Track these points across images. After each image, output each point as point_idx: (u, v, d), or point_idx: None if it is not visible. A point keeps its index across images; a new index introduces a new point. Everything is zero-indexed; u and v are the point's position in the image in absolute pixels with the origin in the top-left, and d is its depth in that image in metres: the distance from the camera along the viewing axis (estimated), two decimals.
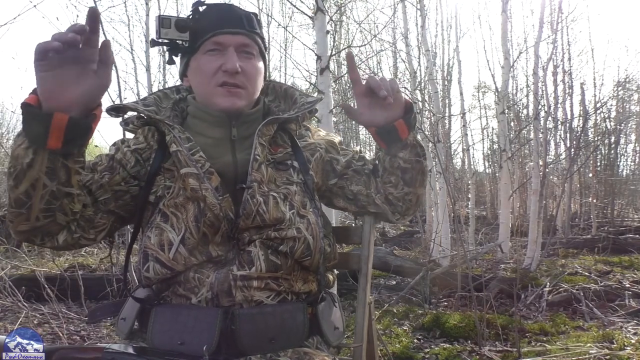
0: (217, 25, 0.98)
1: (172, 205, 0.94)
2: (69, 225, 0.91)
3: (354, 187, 1.08)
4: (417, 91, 6.29)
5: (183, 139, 0.95)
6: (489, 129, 11.67)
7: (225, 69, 0.96)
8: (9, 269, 3.62)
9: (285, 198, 0.96)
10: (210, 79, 0.98)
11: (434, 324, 2.91)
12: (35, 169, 0.80)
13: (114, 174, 0.98)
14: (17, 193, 0.82)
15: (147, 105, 1.02)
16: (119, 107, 0.98)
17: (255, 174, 0.95)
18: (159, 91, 1.11)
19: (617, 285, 3.85)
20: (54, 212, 0.86)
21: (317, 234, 0.96)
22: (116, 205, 0.98)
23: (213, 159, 0.96)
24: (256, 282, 0.91)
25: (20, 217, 0.84)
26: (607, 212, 8.89)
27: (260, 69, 1.03)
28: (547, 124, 6.23)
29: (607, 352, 2.41)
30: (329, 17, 3.02)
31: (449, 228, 5.23)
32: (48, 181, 0.82)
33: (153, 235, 0.94)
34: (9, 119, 14.22)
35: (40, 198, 0.83)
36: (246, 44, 0.99)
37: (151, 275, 0.94)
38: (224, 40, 0.98)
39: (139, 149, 1.02)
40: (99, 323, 3.01)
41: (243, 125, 1.01)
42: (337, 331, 1.02)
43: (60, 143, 0.78)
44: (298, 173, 1.01)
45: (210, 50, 0.98)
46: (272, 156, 1.01)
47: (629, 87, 10.19)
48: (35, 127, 0.78)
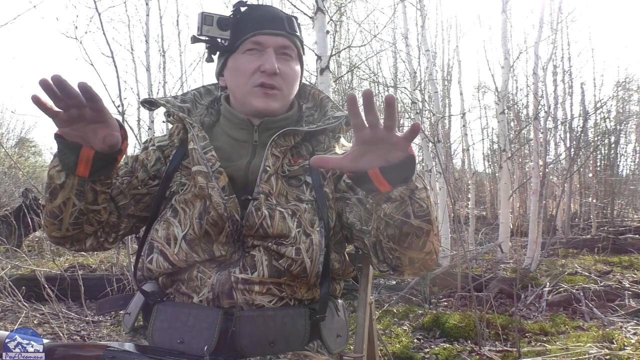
0: (258, 25, 0.98)
1: (182, 201, 0.95)
2: (95, 232, 0.99)
3: (350, 217, 0.96)
4: (417, 91, 6.29)
5: (200, 137, 0.96)
6: (489, 129, 11.66)
7: (263, 70, 0.95)
8: (9, 269, 3.62)
9: (294, 214, 0.93)
10: (248, 79, 0.97)
11: (434, 324, 2.91)
12: (66, 190, 0.88)
13: (132, 178, 1.01)
14: (51, 206, 0.91)
15: (184, 102, 1.04)
16: (152, 101, 1.02)
17: (264, 186, 0.93)
18: (203, 87, 1.12)
19: (617, 285, 3.85)
20: (82, 225, 0.94)
21: (316, 256, 0.92)
22: (136, 209, 1.02)
23: (230, 160, 0.97)
24: (258, 286, 0.91)
25: (53, 226, 0.93)
26: (607, 212, 8.88)
27: (297, 72, 1.02)
28: (547, 124, 6.23)
29: (607, 352, 2.41)
30: (329, 17, 3.03)
31: (449, 228, 5.23)
32: (77, 201, 0.90)
33: (161, 229, 0.95)
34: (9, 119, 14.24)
35: (70, 214, 0.91)
36: (286, 45, 0.99)
37: (153, 267, 0.95)
38: (264, 40, 0.97)
39: (162, 145, 1.04)
40: (99, 323, 3.01)
41: (267, 131, 0.99)
42: (340, 339, 1.00)
43: (88, 172, 0.85)
44: (311, 190, 0.97)
45: (249, 49, 0.98)
46: (289, 167, 0.98)
47: (629, 87, 10.20)
48: (66, 155, 0.84)
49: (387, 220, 0.84)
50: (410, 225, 0.83)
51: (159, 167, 1.02)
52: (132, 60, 6.39)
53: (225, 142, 1.00)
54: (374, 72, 8.69)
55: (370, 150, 0.77)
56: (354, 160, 0.78)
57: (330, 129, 1.03)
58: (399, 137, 0.74)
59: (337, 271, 1.01)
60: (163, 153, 1.03)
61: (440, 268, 4.17)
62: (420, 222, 0.83)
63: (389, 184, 0.79)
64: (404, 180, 0.80)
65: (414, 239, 0.85)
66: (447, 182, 5.33)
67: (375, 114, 0.73)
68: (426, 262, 0.91)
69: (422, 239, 0.86)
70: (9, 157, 8.35)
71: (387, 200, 0.82)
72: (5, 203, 8.75)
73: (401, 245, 0.86)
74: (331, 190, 0.98)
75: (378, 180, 0.78)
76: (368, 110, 0.73)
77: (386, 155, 0.76)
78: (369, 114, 0.73)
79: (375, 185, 0.79)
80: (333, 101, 1.10)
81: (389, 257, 0.91)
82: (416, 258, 0.89)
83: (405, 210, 0.82)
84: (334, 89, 7.36)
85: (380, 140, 0.75)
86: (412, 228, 0.84)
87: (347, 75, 8.66)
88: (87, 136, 0.82)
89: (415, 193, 0.82)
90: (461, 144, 9.34)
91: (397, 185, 0.80)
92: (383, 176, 0.78)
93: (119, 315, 2.97)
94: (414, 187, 0.81)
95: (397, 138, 0.74)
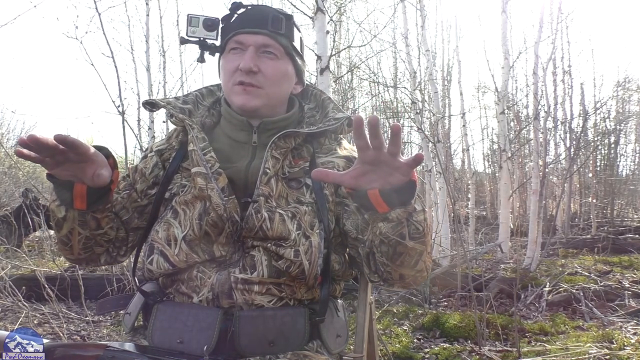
0: (239, 25, 0.99)
1: (182, 202, 0.96)
2: (107, 249, 1.02)
3: (347, 224, 0.97)
4: (417, 91, 6.29)
5: (199, 138, 0.96)
6: (488, 129, 11.66)
7: (240, 67, 0.96)
8: (9, 269, 3.62)
9: (294, 216, 0.93)
10: (230, 78, 0.99)
11: (433, 324, 2.91)
12: (69, 222, 0.91)
13: (132, 191, 1.02)
14: (59, 236, 0.96)
15: (186, 102, 1.05)
16: (153, 102, 1.03)
17: (264, 188, 0.93)
18: (205, 87, 1.13)
19: (616, 285, 3.85)
20: (92, 247, 0.98)
21: (314, 259, 0.92)
22: (140, 221, 1.03)
23: (230, 161, 0.97)
24: (257, 286, 0.91)
25: (66, 251, 0.99)
26: (607, 212, 8.89)
27: (284, 71, 1.00)
28: (547, 124, 6.24)
29: (607, 352, 2.41)
30: (329, 17, 3.03)
31: (449, 228, 5.22)
32: (82, 230, 0.93)
33: (161, 230, 0.96)
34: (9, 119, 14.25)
35: (78, 241, 0.95)
36: (267, 44, 0.98)
37: (154, 268, 0.95)
38: (244, 39, 0.98)
39: (160, 149, 1.05)
40: (99, 323, 3.01)
41: (267, 132, 1.00)
42: (339, 339, 1.01)
43: (85, 205, 0.87)
44: (311, 192, 0.97)
45: (233, 49, 0.99)
46: (289, 169, 0.98)
47: (629, 87, 10.20)
48: (61, 192, 0.87)
49: (382, 238, 0.85)
50: (405, 246, 0.84)
51: (156, 173, 1.02)
52: (132, 60, 6.39)
53: (225, 144, 1.00)
54: (374, 72, 8.69)
55: (371, 171, 0.77)
56: (355, 178, 0.78)
57: (331, 130, 1.03)
58: (402, 162, 0.74)
59: (337, 272, 1.01)
60: (161, 157, 1.04)
61: (440, 268, 4.17)
62: (415, 243, 0.84)
63: (387, 205, 0.79)
64: (402, 204, 0.80)
65: (406, 258, 0.87)
66: (447, 182, 5.33)
67: (380, 139, 0.73)
68: (416, 278, 0.92)
69: (415, 258, 0.87)
70: (9, 157, 8.35)
71: (383, 220, 0.82)
72: (5, 203, 8.75)
73: (394, 262, 0.88)
74: (331, 193, 0.98)
75: (376, 201, 0.78)
76: (373, 136, 0.73)
77: (387, 177, 0.76)
78: (374, 139, 0.73)
79: (373, 205, 0.79)
80: (334, 102, 1.10)
81: (380, 269, 0.92)
82: (407, 275, 0.90)
83: (401, 231, 0.83)
84: (334, 89, 7.35)
85: (382, 163, 0.75)
86: (406, 249, 0.85)
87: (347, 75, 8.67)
88: (77, 174, 0.83)
89: (412, 215, 0.82)
90: (461, 144, 9.34)
91: (395, 207, 0.80)
92: (382, 198, 0.78)
93: (119, 315, 2.97)
94: (412, 209, 0.81)
95: (400, 163, 0.74)
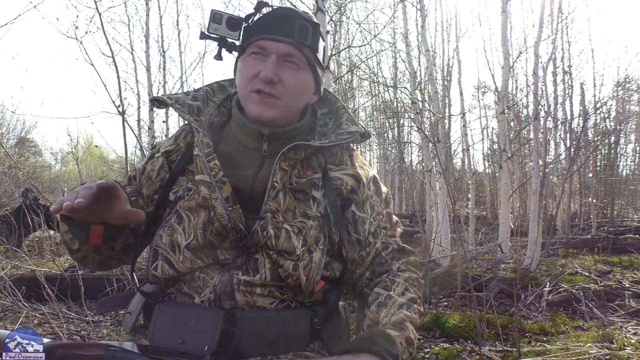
0: (265, 29, 0.94)
1: (187, 208, 0.94)
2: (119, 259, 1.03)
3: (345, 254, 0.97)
4: (417, 91, 6.29)
5: (204, 143, 0.93)
6: (488, 129, 11.69)
7: (261, 76, 0.92)
8: (9, 269, 3.62)
9: (300, 232, 0.92)
10: (247, 84, 0.94)
11: (434, 324, 2.91)
12: (82, 252, 0.92)
13: (138, 197, 1.00)
14: (72, 256, 0.96)
15: (196, 99, 1.02)
16: (160, 99, 1.00)
17: (271, 203, 0.91)
18: (216, 82, 1.09)
19: (616, 285, 3.85)
20: (105, 262, 1.00)
21: (312, 275, 0.91)
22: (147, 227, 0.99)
23: (237, 167, 0.95)
24: (259, 288, 0.91)
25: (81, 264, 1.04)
26: (607, 212, 8.89)
27: (304, 82, 0.97)
28: (547, 124, 6.24)
29: (607, 352, 2.41)
30: (329, 17, 3.03)
31: (449, 228, 5.23)
32: (95, 256, 0.95)
33: (165, 235, 0.94)
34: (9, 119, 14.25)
35: (92, 263, 0.98)
36: (291, 54, 0.94)
37: (159, 274, 0.94)
38: (268, 46, 0.93)
39: (168, 151, 1.01)
40: (99, 323, 3.01)
41: (277, 141, 0.97)
42: (341, 340, 1.00)
43: (100, 241, 0.88)
44: (318, 205, 0.95)
45: (254, 53, 0.95)
46: (297, 179, 0.96)
47: (629, 87, 10.21)
48: (77, 231, 0.87)
49: None
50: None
51: (162, 175, 1.00)
52: (132, 60, 6.42)
53: (234, 148, 0.98)
54: (374, 72, 8.70)
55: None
56: None
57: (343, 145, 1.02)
58: None
59: (338, 279, 1.01)
60: (168, 158, 1.01)
61: (440, 268, 4.17)
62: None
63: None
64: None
65: None
66: (447, 182, 5.33)
67: None
68: None
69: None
70: (9, 157, 8.35)
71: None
72: (5, 203, 8.75)
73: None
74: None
75: None
76: None
77: None
78: None
79: None
80: (349, 112, 1.07)
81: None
82: None
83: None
84: (334, 89, 7.35)
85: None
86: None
87: (347, 75, 8.67)
88: (96, 214, 0.81)
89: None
90: (461, 144, 9.36)
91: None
92: None
93: (119, 315, 2.97)
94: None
95: None
